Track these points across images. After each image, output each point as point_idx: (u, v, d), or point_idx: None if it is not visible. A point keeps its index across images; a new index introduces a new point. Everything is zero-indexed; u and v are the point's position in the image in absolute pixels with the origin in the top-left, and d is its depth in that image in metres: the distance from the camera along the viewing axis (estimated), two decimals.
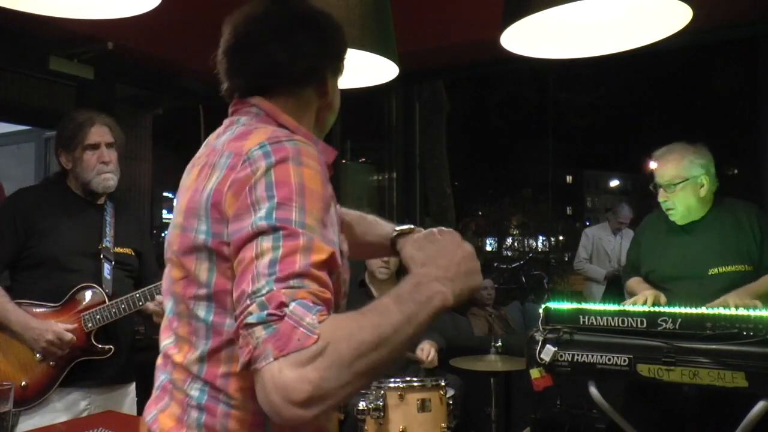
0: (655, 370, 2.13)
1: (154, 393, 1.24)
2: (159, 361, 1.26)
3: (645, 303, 2.53)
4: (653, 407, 2.56)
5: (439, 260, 1.15)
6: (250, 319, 0.96)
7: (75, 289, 2.46)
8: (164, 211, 8.32)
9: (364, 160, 5.73)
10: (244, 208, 1.05)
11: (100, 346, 2.45)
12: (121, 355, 2.51)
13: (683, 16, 1.90)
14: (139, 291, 2.50)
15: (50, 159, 7.72)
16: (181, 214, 1.18)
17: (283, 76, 1.27)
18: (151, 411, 1.22)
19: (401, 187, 4.69)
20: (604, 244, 6.19)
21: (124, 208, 2.72)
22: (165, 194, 7.98)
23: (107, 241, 2.56)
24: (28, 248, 2.45)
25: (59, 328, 2.36)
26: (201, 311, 1.14)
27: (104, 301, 2.47)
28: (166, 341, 1.24)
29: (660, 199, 2.74)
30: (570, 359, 2.28)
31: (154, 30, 3.29)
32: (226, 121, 1.29)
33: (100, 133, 2.55)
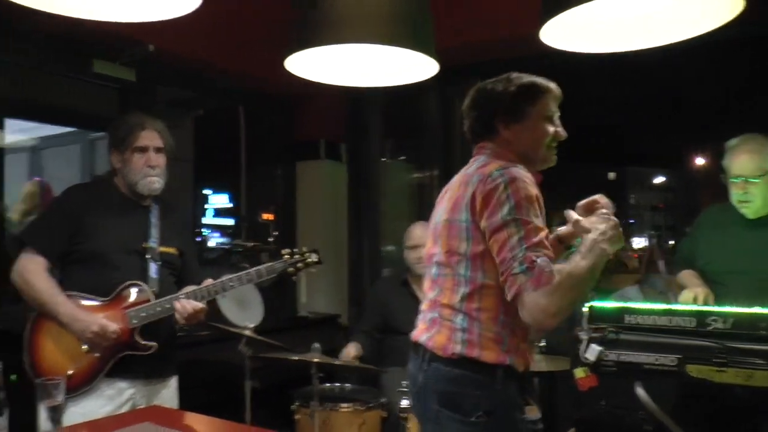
0: (705, 371, 2.07)
1: (423, 325, 1.98)
2: (424, 306, 2.02)
3: (695, 299, 2.47)
4: (703, 409, 2.50)
5: (594, 231, 1.78)
6: (515, 271, 1.71)
7: (122, 285, 2.51)
8: (207, 210, 8.43)
9: (404, 158, 5.71)
10: (494, 208, 1.77)
11: (143, 342, 2.50)
12: (162, 351, 2.55)
13: (734, 6, 1.84)
14: (183, 292, 2.54)
15: (95, 160, 7.87)
16: (447, 213, 1.93)
17: (490, 129, 2.00)
18: (422, 335, 1.95)
19: (442, 184, 4.65)
20: None
21: (169, 209, 2.77)
22: (204, 192, 8.08)
23: (153, 241, 2.62)
24: (76, 243, 2.52)
25: (104, 321, 2.43)
26: (461, 269, 1.86)
27: (149, 299, 2.52)
28: (431, 294, 1.97)
29: (737, 191, 2.64)
30: (616, 359, 2.23)
31: (195, 32, 3.32)
32: (471, 159, 2.04)
33: (149, 137, 2.62)
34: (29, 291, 2.47)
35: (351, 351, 3.63)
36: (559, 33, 2.05)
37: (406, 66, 2.38)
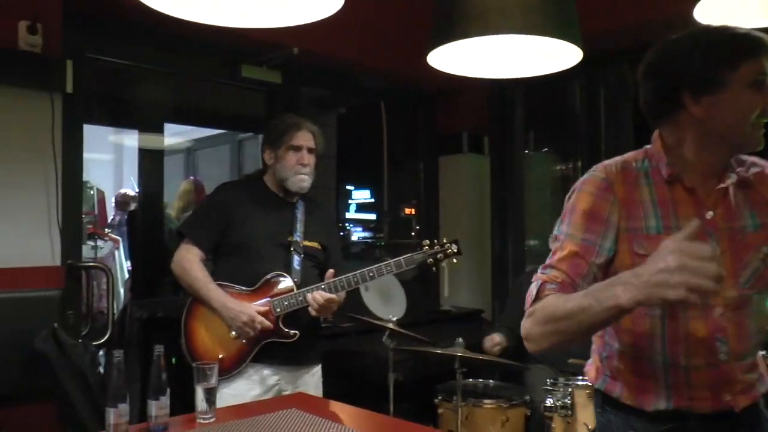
0: None
1: None
2: None
3: None
4: None
5: (642, 268, 1.25)
6: None
7: (268, 276, 2.64)
8: (349, 205, 8.63)
9: (546, 149, 5.56)
10: None
11: (286, 329, 2.61)
12: (304, 339, 2.64)
13: None
14: (324, 282, 2.62)
15: (243, 159, 8.29)
16: None
17: (674, 103, 1.53)
18: None
19: None
20: None
21: (314, 205, 2.88)
22: (347, 187, 8.28)
23: (297, 235, 2.73)
24: (227, 236, 2.69)
25: (254, 312, 2.56)
26: None
27: (293, 289, 2.63)
28: None
29: None
30: None
31: (337, 32, 3.40)
32: None
33: (305, 137, 2.75)
34: (186, 279, 2.66)
35: (495, 338, 3.58)
36: (716, 10, 1.91)
37: (549, 55, 2.30)
